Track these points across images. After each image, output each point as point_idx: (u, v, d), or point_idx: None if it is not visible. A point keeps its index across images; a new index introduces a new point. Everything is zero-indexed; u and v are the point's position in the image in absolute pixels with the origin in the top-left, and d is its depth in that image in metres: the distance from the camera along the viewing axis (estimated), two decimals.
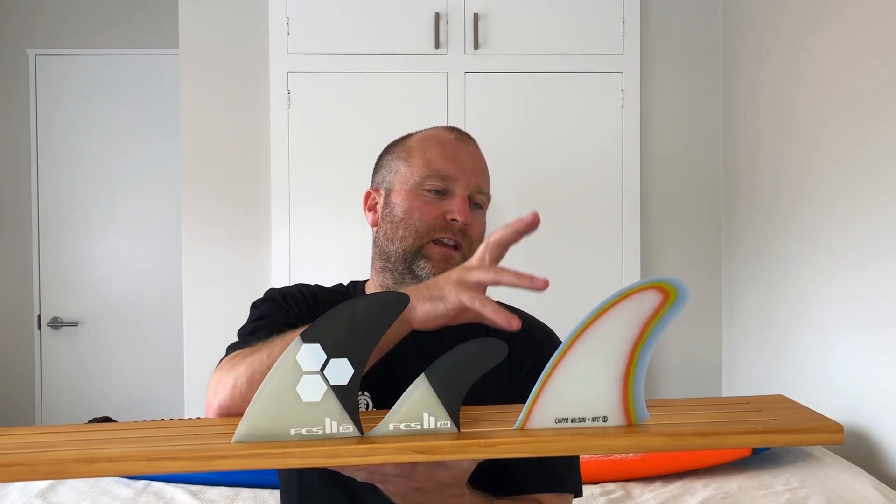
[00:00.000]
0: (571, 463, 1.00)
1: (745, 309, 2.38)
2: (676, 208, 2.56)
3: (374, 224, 1.03)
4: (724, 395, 2.56)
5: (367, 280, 1.08)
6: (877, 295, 1.68)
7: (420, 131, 1.04)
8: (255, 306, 1.01)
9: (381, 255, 1.01)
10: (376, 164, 1.07)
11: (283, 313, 0.97)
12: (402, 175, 1.00)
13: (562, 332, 1.06)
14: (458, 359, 0.65)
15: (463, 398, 0.66)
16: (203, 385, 2.79)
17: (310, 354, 0.63)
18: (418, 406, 0.64)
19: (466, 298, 0.75)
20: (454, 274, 0.78)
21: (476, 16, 2.41)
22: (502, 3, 2.43)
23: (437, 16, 2.41)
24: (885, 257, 1.64)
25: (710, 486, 1.65)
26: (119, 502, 1.60)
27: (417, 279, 0.95)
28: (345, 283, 1.10)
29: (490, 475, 0.91)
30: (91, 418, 2.01)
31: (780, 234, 2.14)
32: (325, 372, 0.63)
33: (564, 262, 2.44)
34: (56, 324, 3.06)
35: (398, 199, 0.99)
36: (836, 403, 1.84)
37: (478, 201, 1.00)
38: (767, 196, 2.22)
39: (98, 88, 3.05)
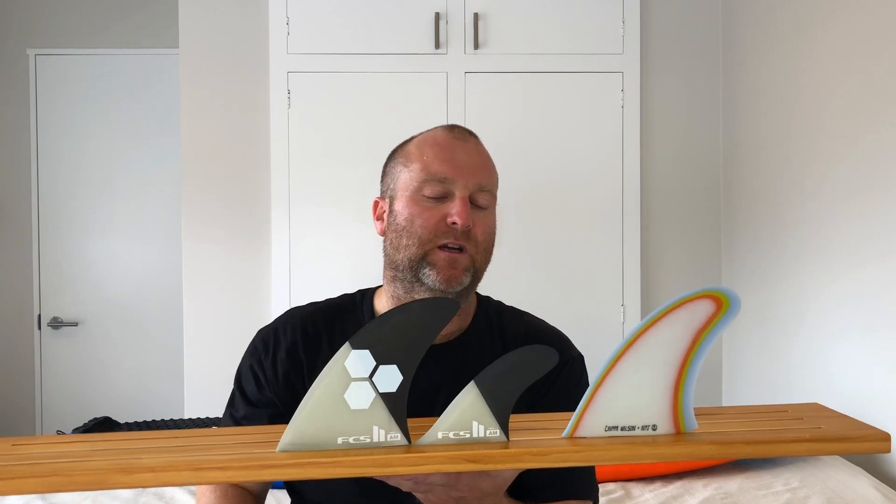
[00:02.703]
0: (590, 470, 0.99)
1: (746, 310, 2.38)
2: (676, 208, 2.56)
3: (382, 233, 1.01)
4: (724, 396, 2.55)
5: (379, 287, 1.06)
6: (877, 296, 1.68)
7: (421, 133, 1.02)
8: (236, 378, 1.05)
9: (389, 264, 0.99)
10: (382, 171, 1.04)
11: (243, 402, 1.03)
12: (403, 181, 0.97)
13: (564, 331, 1.06)
14: (510, 366, 0.63)
15: (513, 406, 0.64)
16: (203, 385, 2.78)
17: (358, 360, 0.60)
18: (468, 414, 0.63)
19: None
20: None
21: (476, 16, 2.41)
22: (502, 3, 2.43)
23: (437, 16, 2.40)
24: (885, 258, 1.64)
25: (710, 486, 1.65)
26: (119, 502, 1.60)
27: (424, 287, 0.94)
28: (351, 293, 1.08)
29: (513, 483, 0.90)
30: (91, 419, 2.00)
31: (780, 235, 2.13)
32: (373, 379, 0.61)
33: (563, 261, 2.43)
34: (56, 324, 3.06)
35: (400, 207, 0.97)
36: (837, 404, 1.83)
37: (481, 201, 0.96)
38: (767, 196, 2.22)
39: (98, 88, 3.04)
